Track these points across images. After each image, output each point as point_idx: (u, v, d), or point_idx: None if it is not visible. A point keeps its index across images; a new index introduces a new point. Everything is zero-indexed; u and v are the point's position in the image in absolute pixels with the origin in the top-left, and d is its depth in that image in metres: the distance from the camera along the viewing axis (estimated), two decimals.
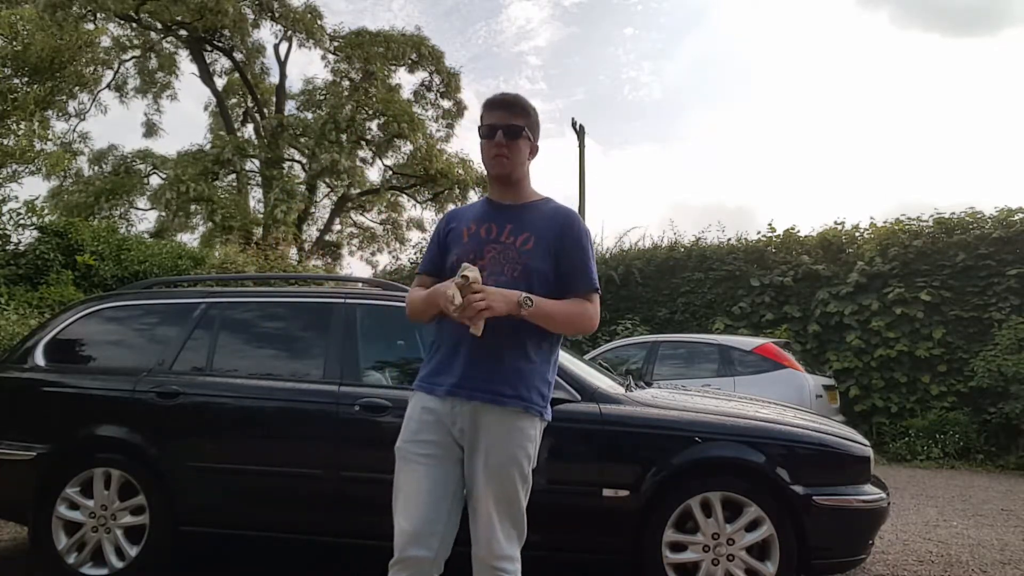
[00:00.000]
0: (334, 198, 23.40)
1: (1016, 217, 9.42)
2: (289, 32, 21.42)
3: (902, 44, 55.54)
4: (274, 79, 23.05)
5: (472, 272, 1.83)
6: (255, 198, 22.25)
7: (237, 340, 3.72)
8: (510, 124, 2.00)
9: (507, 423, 1.92)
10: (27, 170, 10.54)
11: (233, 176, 21.97)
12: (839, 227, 10.98)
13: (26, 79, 10.20)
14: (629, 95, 51.18)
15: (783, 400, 4.89)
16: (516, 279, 1.95)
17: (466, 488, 1.95)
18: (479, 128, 2.05)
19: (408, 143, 21.36)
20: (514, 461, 1.91)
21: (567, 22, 45.48)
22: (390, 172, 22.67)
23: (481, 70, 46.65)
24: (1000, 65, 55.78)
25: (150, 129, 22.82)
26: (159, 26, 20.23)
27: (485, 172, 2.10)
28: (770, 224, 11.62)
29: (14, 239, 9.12)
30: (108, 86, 20.55)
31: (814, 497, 3.03)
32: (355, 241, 25.61)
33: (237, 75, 22.24)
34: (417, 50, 21.67)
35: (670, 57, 52.81)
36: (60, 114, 17.23)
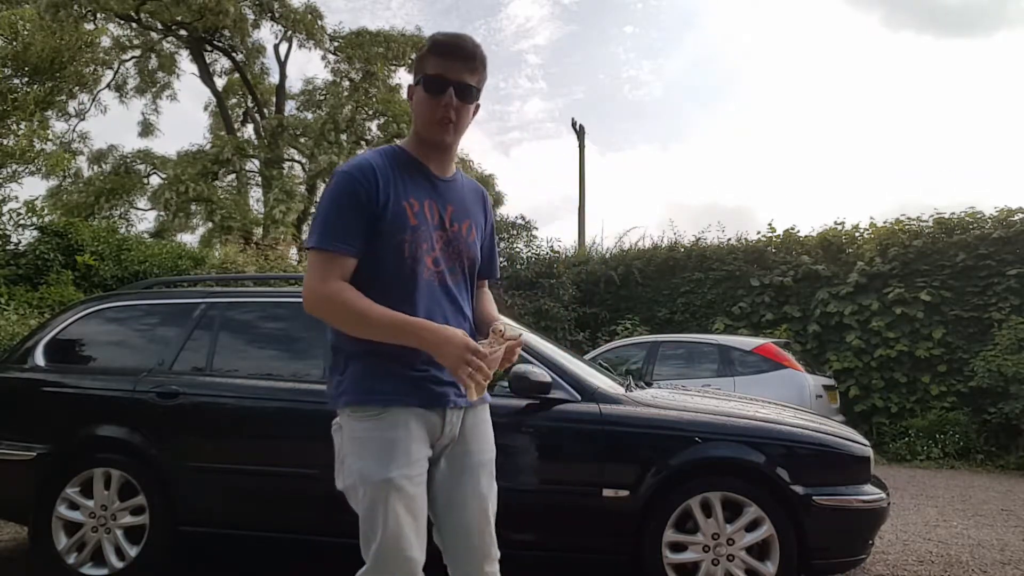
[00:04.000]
0: None
1: (1016, 217, 9.41)
2: (289, 32, 21.46)
3: (897, 45, 55.54)
4: (274, 79, 23.14)
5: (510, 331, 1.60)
6: (255, 198, 22.31)
7: (237, 340, 3.71)
8: (465, 83, 1.59)
9: (487, 417, 1.79)
10: (27, 170, 10.56)
11: (233, 176, 22.01)
12: (839, 227, 10.96)
13: (26, 79, 10.22)
14: (629, 94, 51.18)
15: (783, 400, 4.89)
16: (467, 275, 1.73)
17: (444, 500, 1.71)
18: (421, 76, 1.61)
19: None
20: (494, 452, 1.79)
21: (567, 20, 45.45)
22: None
23: None
24: (997, 66, 55.83)
25: (146, 129, 22.86)
26: (159, 26, 20.26)
27: (421, 130, 1.66)
28: (770, 224, 11.60)
29: (14, 239, 9.15)
30: (108, 86, 20.60)
31: (814, 497, 3.04)
32: None
33: (237, 75, 22.27)
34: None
35: (669, 56, 52.81)
36: (60, 114, 17.25)
